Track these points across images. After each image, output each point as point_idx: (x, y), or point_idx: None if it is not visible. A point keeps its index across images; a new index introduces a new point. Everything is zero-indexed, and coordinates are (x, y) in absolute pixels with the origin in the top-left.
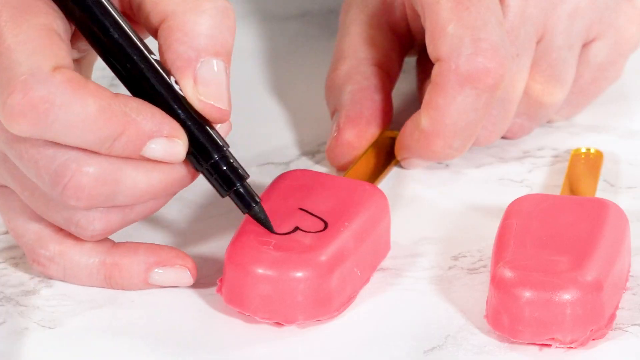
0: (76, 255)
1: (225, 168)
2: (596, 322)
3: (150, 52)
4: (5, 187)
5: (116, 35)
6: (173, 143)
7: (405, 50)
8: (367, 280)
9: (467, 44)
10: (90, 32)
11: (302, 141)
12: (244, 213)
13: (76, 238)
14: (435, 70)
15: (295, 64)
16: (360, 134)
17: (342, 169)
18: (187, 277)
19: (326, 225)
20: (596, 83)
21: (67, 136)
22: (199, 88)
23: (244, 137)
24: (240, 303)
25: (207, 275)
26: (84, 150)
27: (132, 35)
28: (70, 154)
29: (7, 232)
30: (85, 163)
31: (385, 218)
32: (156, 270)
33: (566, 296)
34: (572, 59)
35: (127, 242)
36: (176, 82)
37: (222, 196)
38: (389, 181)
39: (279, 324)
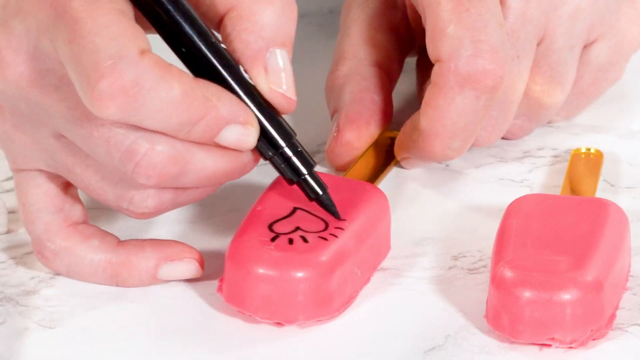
0: (82, 252)
1: (293, 156)
2: (596, 322)
3: (219, 41)
4: (32, 171)
5: (182, 22)
6: (247, 130)
7: (405, 50)
8: (368, 280)
9: (467, 45)
10: (157, 17)
11: (302, 141)
12: (310, 200)
13: (83, 234)
14: (435, 71)
15: (295, 64)
16: (360, 135)
17: (342, 169)
18: (196, 269)
19: (327, 225)
20: (597, 84)
21: (152, 120)
22: (270, 78)
23: None
24: (241, 303)
25: (207, 275)
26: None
27: (201, 23)
28: (143, 133)
29: (7, 232)
30: (158, 142)
31: (386, 218)
32: (165, 265)
33: (566, 296)
34: (572, 61)
35: (131, 239)
36: (245, 71)
37: (290, 184)
38: (389, 181)
39: (279, 323)
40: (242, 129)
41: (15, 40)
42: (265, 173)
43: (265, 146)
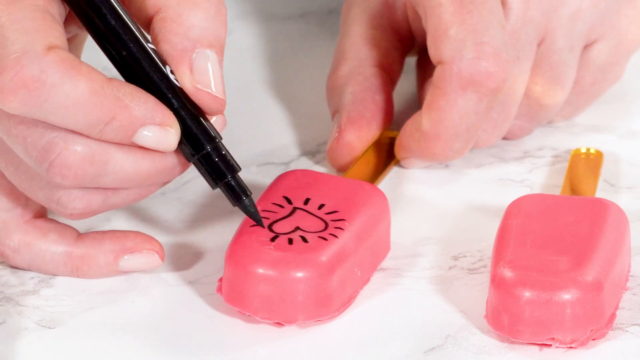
0: (41, 247)
1: (216, 159)
2: (596, 322)
3: (147, 40)
4: None
5: (112, 21)
6: (165, 131)
7: (406, 50)
8: (367, 280)
9: (470, 48)
10: (86, 15)
11: (302, 141)
12: (234, 206)
13: (41, 229)
14: (437, 73)
15: (295, 64)
16: (362, 135)
17: (343, 169)
18: (156, 260)
19: (326, 225)
20: (598, 84)
21: (57, 117)
22: (195, 77)
23: (244, 137)
24: (240, 303)
25: (207, 275)
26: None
27: (129, 22)
28: (59, 132)
29: None
30: (74, 142)
31: (386, 218)
32: (124, 257)
33: (566, 296)
34: (572, 61)
35: (91, 232)
36: (171, 72)
37: (213, 188)
38: (389, 181)
39: (279, 324)
40: (160, 129)
41: None
42: (265, 173)
43: (187, 148)
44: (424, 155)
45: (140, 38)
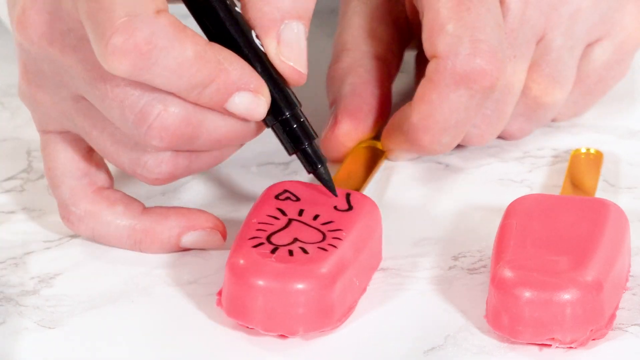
0: (107, 217)
1: (295, 126)
2: (596, 322)
3: (234, 4)
4: (58, 134)
5: None
6: (257, 99)
7: (405, 44)
8: (364, 290)
9: (466, 44)
10: None
11: None
12: (308, 172)
13: (109, 200)
14: (430, 67)
15: None
16: (357, 127)
17: (337, 160)
18: (218, 239)
19: (324, 236)
20: (603, 82)
21: (163, 79)
22: (281, 49)
23: None
24: (243, 316)
25: (206, 276)
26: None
27: None
28: (157, 95)
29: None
30: (172, 104)
31: (378, 227)
32: (187, 234)
33: (566, 296)
34: (572, 60)
35: (157, 207)
36: (257, 38)
37: (289, 154)
38: (389, 181)
39: (282, 335)
40: (253, 97)
41: (40, 0)
42: (265, 173)
43: (268, 113)
44: (411, 147)
45: (228, 2)
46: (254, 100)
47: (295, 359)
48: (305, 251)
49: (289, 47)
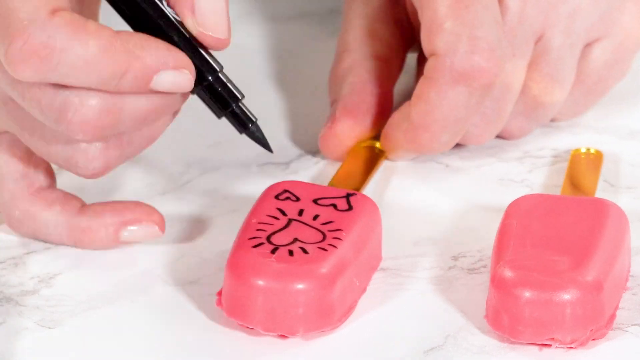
0: (45, 218)
1: (219, 89)
2: (596, 322)
3: None
4: None
5: None
6: (180, 74)
7: (408, 45)
8: (364, 290)
9: (464, 42)
10: None
11: (302, 141)
12: (240, 133)
13: (46, 200)
14: (429, 65)
15: (295, 64)
16: (355, 126)
17: (336, 159)
18: (156, 232)
19: (324, 236)
20: (603, 82)
21: (72, 78)
22: (197, 19)
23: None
24: (243, 316)
25: (207, 275)
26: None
27: None
28: (72, 90)
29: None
30: (88, 96)
31: (378, 227)
32: (124, 229)
33: (566, 296)
34: (571, 59)
35: (93, 204)
36: (169, 7)
37: (219, 117)
38: (389, 181)
39: (282, 335)
40: (175, 73)
41: None
42: (265, 173)
43: None
44: (411, 146)
45: None
46: (177, 75)
47: (295, 359)
48: (305, 251)
49: (205, 17)
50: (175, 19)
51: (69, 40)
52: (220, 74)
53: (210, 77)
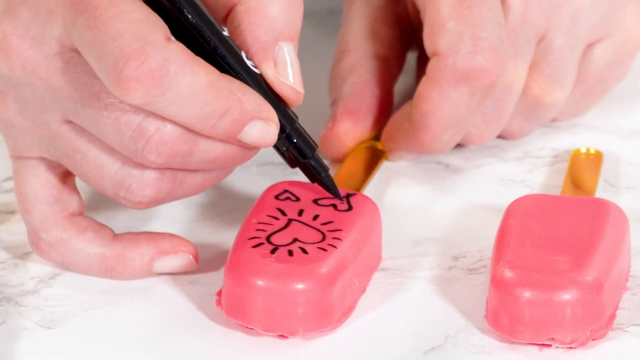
0: (77, 245)
1: (296, 140)
2: (596, 322)
3: (222, 29)
4: (32, 159)
5: (194, 15)
6: (269, 127)
7: (408, 44)
8: (364, 290)
9: (467, 42)
10: (167, 13)
11: None
12: (313, 182)
13: (79, 227)
14: (431, 65)
15: None
16: (356, 127)
17: (336, 160)
18: (191, 263)
19: (324, 236)
20: (603, 82)
21: (177, 107)
22: (279, 70)
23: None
24: (242, 316)
25: (207, 276)
26: None
27: (209, 17)
28: (151, 114)
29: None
30: (168, 121)
31: (378, 227)
32: (159, 259)
33: (566, 296)
34: (572, 60)
35: (127, 233)
36: (247, 60)
37: (292, 167)
38: (389, 181)
39: (282, 336)
40: (265, 124)
41: (22, 26)
42: (265, 173)
43: None
44: (412, 146)
45: (218, 27)
46: (266, 128)
47: (295, 359)
48: (305, 251)
49: (285, 69)
50: (254, 70)
51: (184, 67)
52: (297, 124)
53: (288, 129)
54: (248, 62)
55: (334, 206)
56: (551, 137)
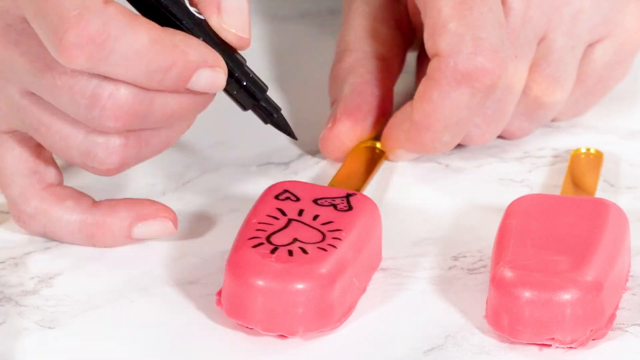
0: (57, 213)
1: (245, 83)
2: (596, 322)
3: None
4: (4, 134)
5: None
6: (216, 73)
7: (408, 44)
8: (364, 290)
9: (468, 42)
10: None
11: (302, 141)
12: (266, 123)
13: (58, 196)
14: (432, 65)
15: (295, 64)
16: (356, 127)
17: (336, 160)
18: (170, 228)
19: (324, 236)
20: (603, 82)
21: (121, 69)
22: (222, 17)
23: (244, 137)
24: (242, 316)
25: (207, 275)
26: None
27: None
28: (105, 78)
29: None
30: (121, 84)
31: (378, 227)
32: (138, 224)
33: (566, 296)
34: (573, 61)
35: (106, 200)
36: (191, 6)
37: (245, 109)
38: (389, 181)
39: (282, 335)
40: (211, 72)
41: None
42: (265, 173)
43: None
44: (412, 146)
45: None
46: (214, 74)
47: (295, 359)
48: (304, 251)
49: (230, 15)
50: (198, 17)
51: (123, 29)
52: (245, 68)
53: (236, 73)
54: (192, 9)
55: (334, 206)
56: (551, 137)
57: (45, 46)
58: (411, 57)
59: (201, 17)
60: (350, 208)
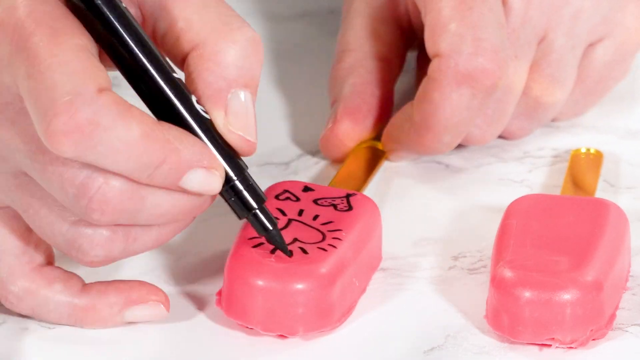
0: (45, 296)
1: (244, 191)
2: (596, 322)
3: (173, 71)
4: None
5: (143, 60)
6: (211, 175)
7: (408, 44)
8: (364, 290)
9: (468, 43)
10: (116, 52)
11: (302, 141)
12: (260, 236)
13: (47, 278)
14: (433, 66)
15: (295, 64)
16: (356, 126)
17: (336, 160)
18: (161, 311)
19: (324, 236)
20: (603, 82)
21: (109, 160)
22: (229, 119)
23: None
24: (242, 316)
25: (207, 276)
26: None
27: (163, 62)
28: (96, 169)
29: None
30: (112, 177)
31: (378, 227)
32: (129, 309)
33: (566, 296)
34: (573, 60)
35: (96, 283)
36: (197, 103)
37: (240, 218)
38: (388, 181)
39: (281, 335)
40: (206, 173)
41: None
42: (265, 173)
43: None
44: (413, 146)
45: (169, 71)
46: (208, 176)
47: (295, 359)
48: (304, 251)
49: (237, 117)
50: (204, 116)
51: (114, 120)
52: (246, 174)
53: (236, 178)
54: (198, 107)
55: (334, 206)
56: (551, 137)
57: (36, 128)
58: (411, 57)
59: (207, 116)
60: (350, 208)
